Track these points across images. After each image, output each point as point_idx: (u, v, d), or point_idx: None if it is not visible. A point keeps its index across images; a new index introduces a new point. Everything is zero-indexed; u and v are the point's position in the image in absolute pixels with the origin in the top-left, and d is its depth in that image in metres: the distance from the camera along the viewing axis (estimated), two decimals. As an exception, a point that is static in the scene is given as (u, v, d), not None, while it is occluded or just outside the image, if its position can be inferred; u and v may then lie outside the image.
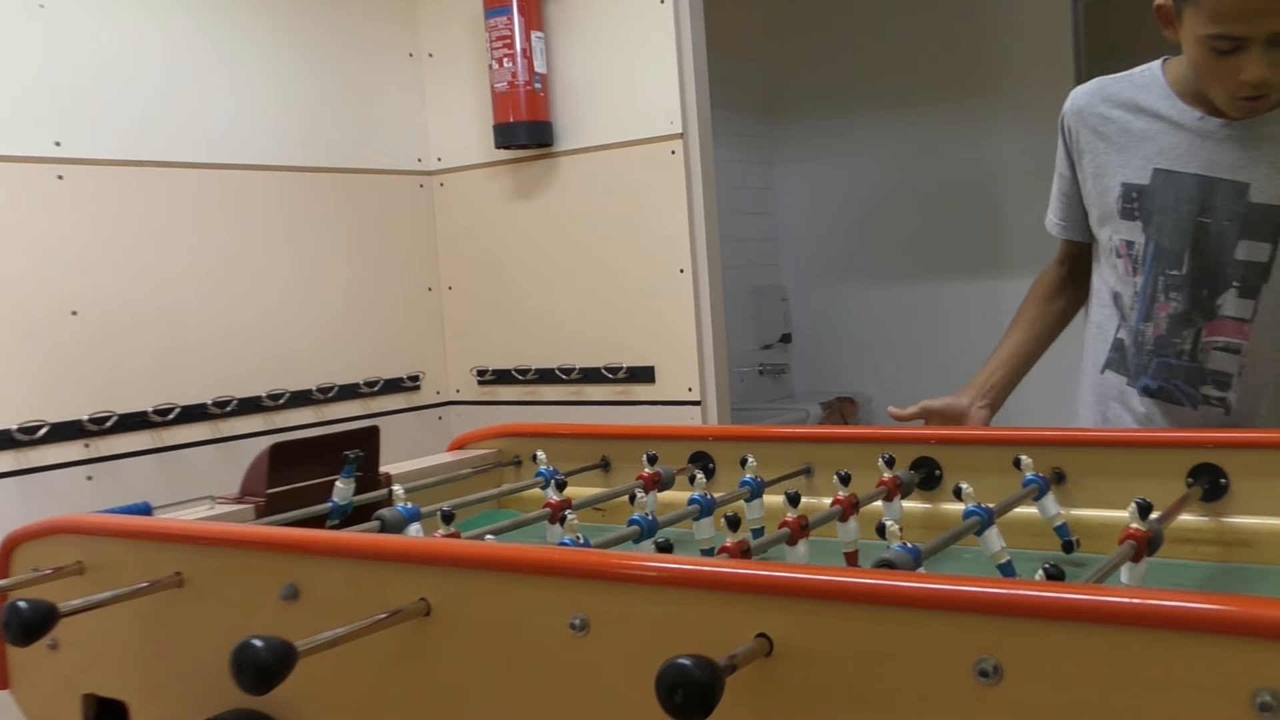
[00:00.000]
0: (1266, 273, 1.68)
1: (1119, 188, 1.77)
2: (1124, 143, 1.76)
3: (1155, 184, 1.73)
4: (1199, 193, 1.70)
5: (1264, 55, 1.54)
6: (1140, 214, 1.75)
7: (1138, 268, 1.78)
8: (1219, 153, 1.68)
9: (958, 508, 1.39)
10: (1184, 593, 0.90)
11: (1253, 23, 1.52)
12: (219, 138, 2.93)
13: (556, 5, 3.20)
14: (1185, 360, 1.77)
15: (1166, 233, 1.73)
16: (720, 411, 3.10)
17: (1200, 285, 1.73)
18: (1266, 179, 1.65)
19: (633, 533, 1.40)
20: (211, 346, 2.91)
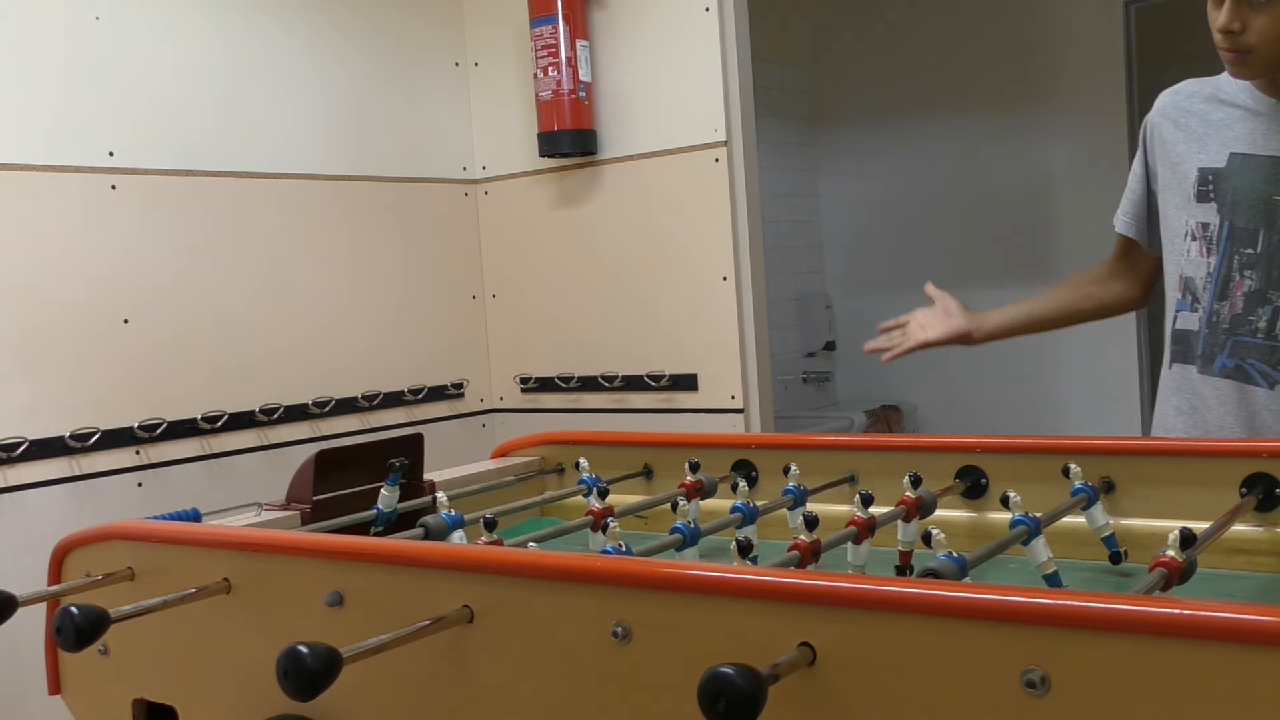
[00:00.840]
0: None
1: (1195, 173, 1.82)
2: (1202, 131, 1.83)
3: (1231, 167, 1.79)
4: (1274, 172, 1.75)
5: (1233, 5, 1.65)
6: (1215, 196, 1.80)
7: (1212, 248, 1.81)
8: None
9: (1004, 516, 1.38)
10: (1236, 604, 0.89)
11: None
12: (267, 148, 2.97)
13: (602, 14, 3.21)
14: (1261, 339, 1.78)
15: (1241, 213, 1.78)
16: (763, 419, 3.09)
17: (1276, 263, 1.75)
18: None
19: (675, 540, 1.40)
20: (259, 354, 2.94)
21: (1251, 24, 1.66)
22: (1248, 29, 1.66)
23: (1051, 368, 4.50)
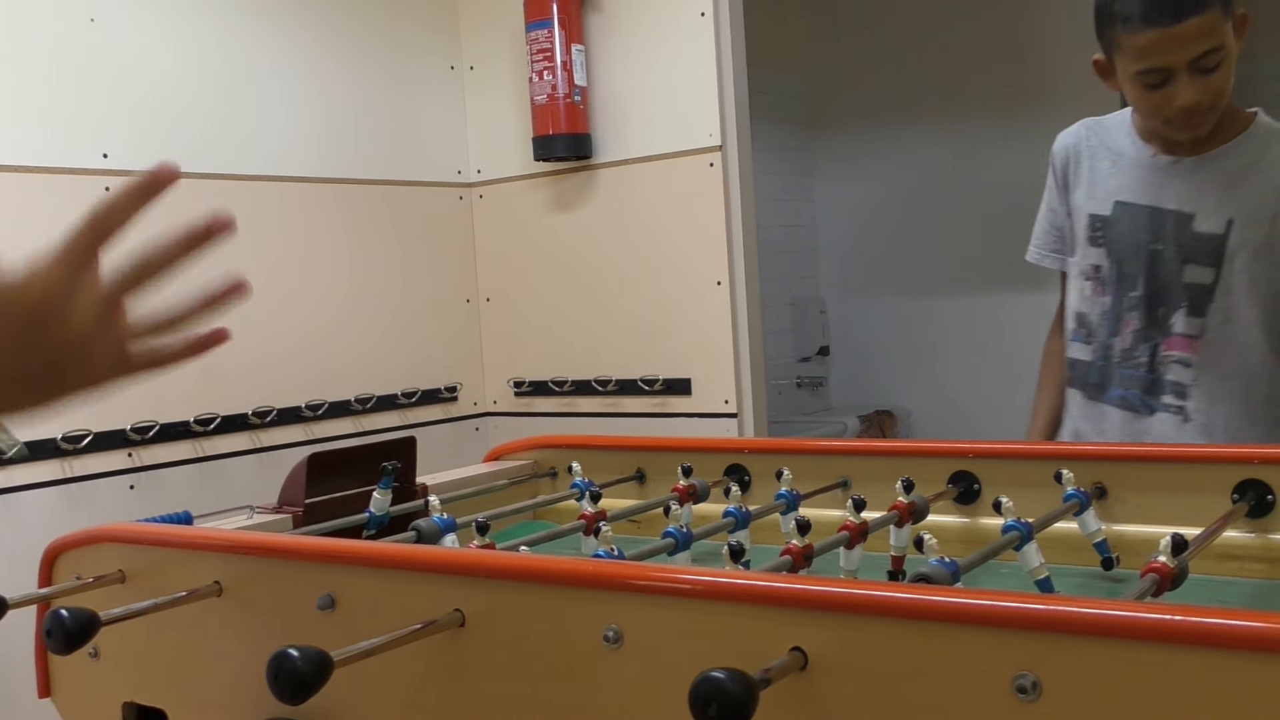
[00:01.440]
0: (1211, 294, 1.83)
1: (1087, 218, 1.94)
2: (1092, 179, 1.94)
3: (1115, 214, 1.90)
4: (1150, 222, 1.86)
5: (1189, 81, 1.69)
6: (1104, 241, 1.92)
7: (1105, 289, 1.94)
8: (1168, 187, 1.84)
9: (997, 522, 1.38)
10: (1227, 610, 0.89)
11: (1170, 54, 1.67)
12: (263, 150, 2.97)
13: (597, 18, 3.21)
14: (1144, 372, 1.91)
15: (1126, 258, 1.90)
16: (757, 424, 3.09)
17: (1155, 305, 1.88)
18: (1209, 210, 1.81)
19: (667, 545, 1.40)
20: (252, 357, 2.93)
21: (1210, 88, 1.71)
22: (1208, 95, 1.71)
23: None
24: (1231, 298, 1.82)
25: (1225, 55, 1.69)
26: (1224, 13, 1.67)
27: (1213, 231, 1.80)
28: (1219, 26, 1.66)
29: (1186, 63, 1.67)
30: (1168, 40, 1.66)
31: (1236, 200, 1.80)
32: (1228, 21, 1.69)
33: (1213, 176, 1.81)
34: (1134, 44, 1.69)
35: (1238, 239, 1.79)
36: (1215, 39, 1.67)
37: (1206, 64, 1.68)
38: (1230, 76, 1.72)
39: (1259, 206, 1.79)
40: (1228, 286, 1.81)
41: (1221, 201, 1.80)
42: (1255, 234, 1.79)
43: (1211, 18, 1.65)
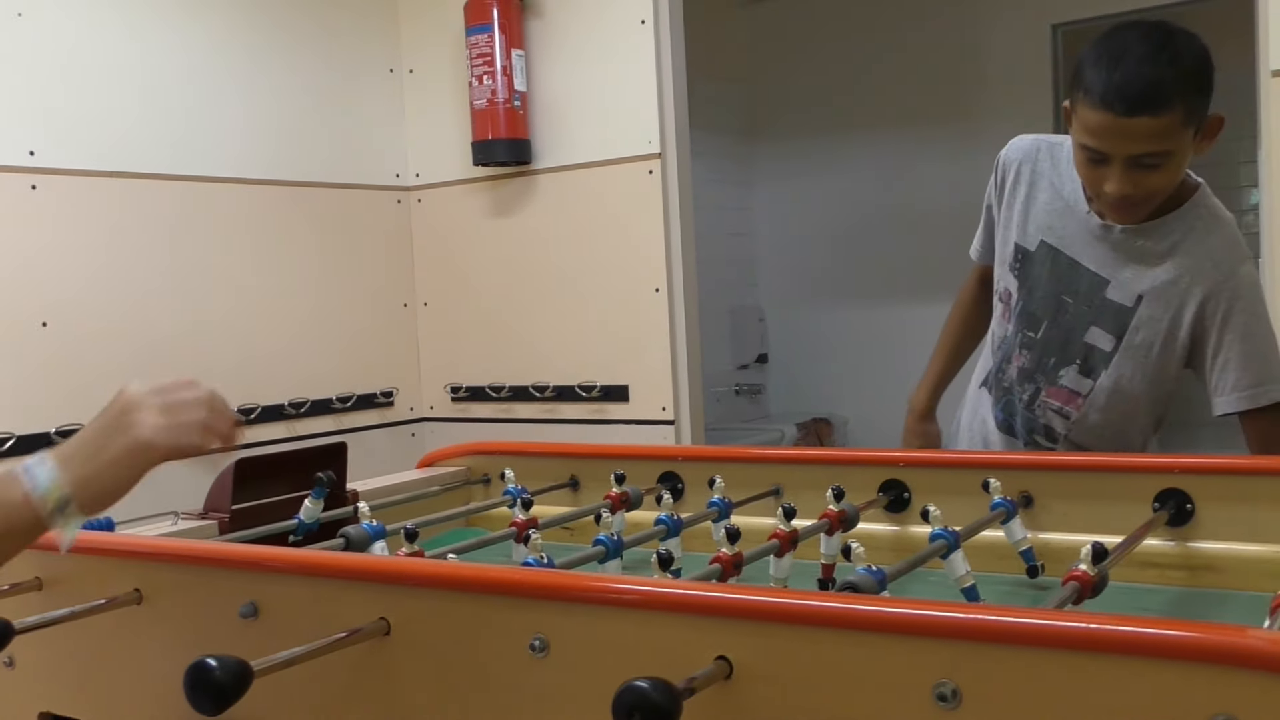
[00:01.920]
0: (1108, 360, 1.82)
1: (1013, 245, 1.90)
2: (1028, 207, 1.88)
3: (1038, 254, 1.87)
4: (1068, 273, 1.83)
5: (1124, 173, 1.64)
6: (1019, 274, 1.90)
7: (1009, 317, 1.94)
8: (1095, 247, 1.80)
9: (925, 530, 1.39)
10: (1143, 618, 0.90)
11: (1113, 142, 1.62)
12: (194, 150, 2.92)
13: (538, 23, 3.21)
14: (1023, 408, 1.93)
15: (1035, 299, 1.88)
16: (694, 431, 3.09)
17: (1049, 353, 1.88)
18: (1126, 282, 1.78)
19: (598, 553, 1.40)
20: (183, 360, 2.88)
21: (1145, 184, 1.66)
22: (1140, 190, 1.67)
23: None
24: (1125, 370, 1.80)
25: (1170, 159, 1.64)
26: (1184, 120, 1.60)
27: (1121, 303, 1.78)
28: (1172, 132, 1.60)
29: (1125, 156, 1.63)
30: (1114, 128, 1.60)
31: (1149, 280, 1.76)
32: (1188, 128, 1.62)
33: (1134, 251, 1.77)
34: (1085, 117, 1.64)
35: (1143, 316, 1.77)
36: (1163, 144, 1.61)
37: (1146, 162, 1.63)
38: (1173, 177, 1.68)
39: (1168, 292, 1.76)
40: (1125, 359, 1.80)
41: (1136, 277, 1.77)
42: (1160, 316, 1.77)
43: (1165, 122, 1.59)
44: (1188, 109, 1.60)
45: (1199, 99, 1.62)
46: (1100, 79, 1.60)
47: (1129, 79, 1.58)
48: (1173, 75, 1.58)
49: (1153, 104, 1.58)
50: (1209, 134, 1.67)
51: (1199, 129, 1.64)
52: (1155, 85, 1.58)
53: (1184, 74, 1.60)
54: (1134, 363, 1.80)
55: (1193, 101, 1.61)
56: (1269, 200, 2.45)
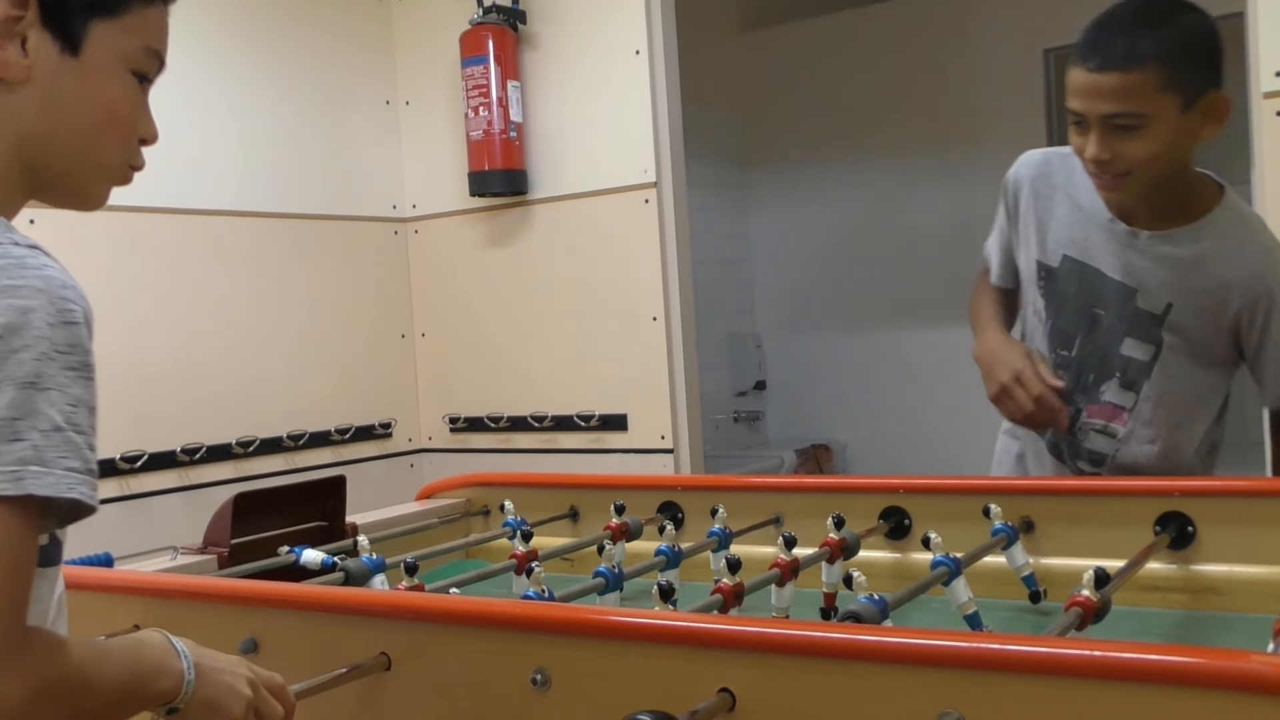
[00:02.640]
0: (1148, 370, 1.76)
1: (1035, 264, 1.85)
2: (1046, 222, 1.83)
3: (1063, 269, 1.81)
4: (1096, 285, 1.77)
5: (1100, 136, 1.60)
6: (1046, 293, 1.84)
7: (1047, 335, 1.85)
8: (1121, 255, 1.74)
9: (926, 557, 1.38)
10: (1146, 644, 0.90)
11: (1086, 101, 1.60)
12: (192, 183, 2.93)
13: (533, 55, 3.22)
14: (1064, 436, 1.83)
15: (1065, 315, 1.82)
16: (693, 459, 3.09)
17: (1087, 370, 1.81)
18: (1154, 289, 1.73)
19: (598, 585, 1.39)
20: (181, 392, 2.88)
21: (1122, 151, 1.61)
22: (1118, 157, 1.61)
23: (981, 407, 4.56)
24: (1167, 380, 1.75)
25: (1147, 124, 1.57)
26: (1162, 82, 1.55)
27: (1152, 310, 1.73)
28: (1145, 92, 1.56)
29: (1098, 116, 1.59)
30: (1086, 85, 1.59)
31: (1178, 290, 1.71)
32: (1169, 93, 1.56)
33: (1160, 258, 1.71)
34: (1068, 78, 1.62)
35: (1174, 324, 1.72)
36: (1133, 103, 1.56)
37: (1119, 123, 1.58)
38: (1154, 148, 1.59)
39: (1200, 301, 1.71)
40: (1165, 367, 1.74)
41: (1163, 285, 1.71)
42: (1193, 325, 1.72)
43: (1137, 79, 1.55)
44: (1167, 73, 1.55)
45: (1185, 67, 1.57)
46: (1084, 37, 1.61)
47: (1105, 36, 1.58)
48: (1152, 36, 1.56)
49: (1123, 60, 1.55)
50: (1210, 114, 1.61)
51: (1191, 103, 1.58)
52: (1129, 43, 1.56)
53: (1166, 37, 1.56)
54: (1174, 371, 1.74)
55: (1175, 67, 1.56)
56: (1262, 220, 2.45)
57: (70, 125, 0.96)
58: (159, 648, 0.97)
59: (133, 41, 0.97)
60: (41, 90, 0.93)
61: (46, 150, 0.96)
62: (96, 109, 0.97)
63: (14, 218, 0.96)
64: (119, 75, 0.98)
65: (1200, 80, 1.59)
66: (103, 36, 0.95)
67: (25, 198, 0.98)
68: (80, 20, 0.94)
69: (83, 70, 0.95)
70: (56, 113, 0.94)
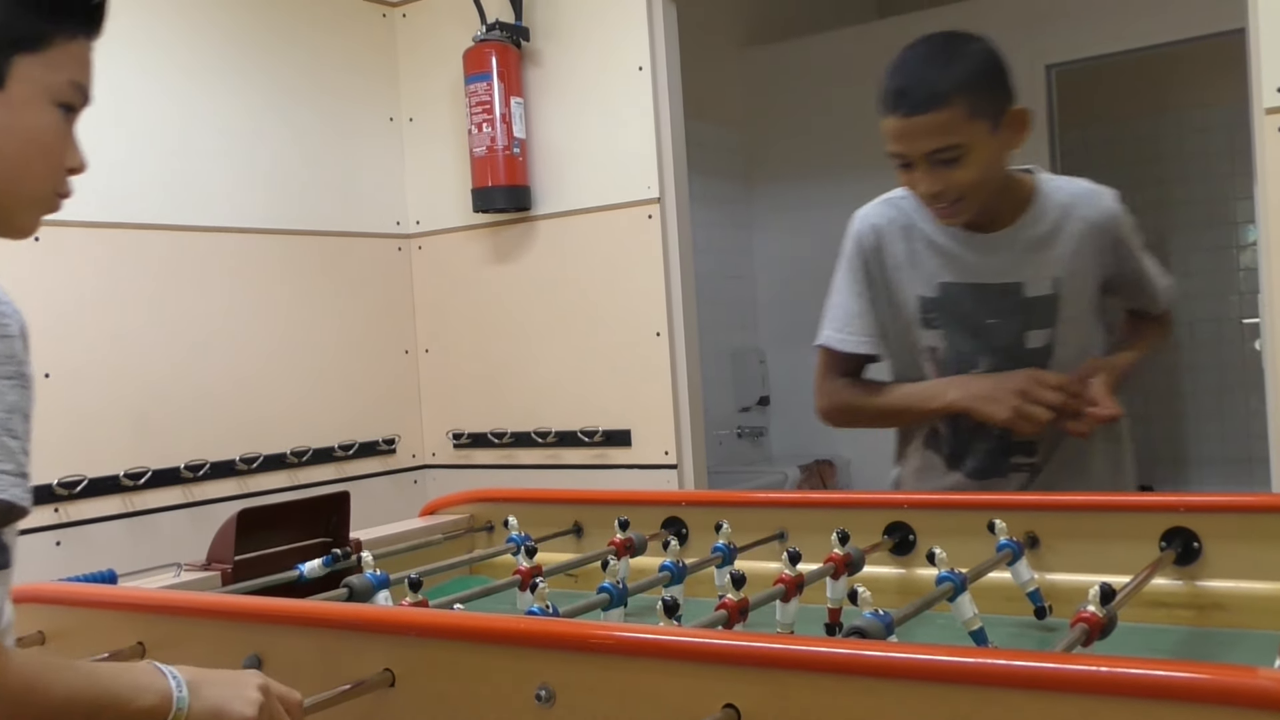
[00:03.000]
0: (1051, 351, 1.86)
1: (916, 300, 1.91)
2: (909, 262, 1.91)
3: (945, 295, 1.88)
4: (979, 296, 1.86)
5: (928, 172, 1.73)
6: (938, 323, 1.90)
7: (944, 370, 1.90)
8: (987, 263, 1.85)
9: (931, 573, 1.38)
10: (1154, 660, 0.90)
11: (906, 144, 1.73)
12: (198, 201, 2.94)
13: (536, 71, 3.23)
14: (993, 441, 1.89)
15: (962, 337, 1.89)
16: (697, 475, 3.09)
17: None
18: (1034, 276, 1.84)
19: (601, 600, 1.39)
20: (185, 409, 2.88)
21: (951, 180, 1.73)
22: (949, 186, 1.73)
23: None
24: (1068, 351, 1.86)
25: (967, 152, 1.70)
26: (969, 112, 1.68)
27: (1043, 294, 1.84)
28: (958, 126, 1.68)
29: (922, 155, 1.72)
30: (903, 130, 1.72)
31: (1055, 263, 1.83)
32: (977, 120, 1.69)
33: (1023, 246, 1.84)
34: (883, 126, 1.76)
35: (1065, 292, 1.84)
36: (952, 137, 1.69)
37: (943, 157, 1.71)
38: (979, 171, 1.72)
39: (1074, 262, 1.84)
40: (1064, 340, 1.85)
41: (1041, 266, 1.84)
42: (1078, 284, 1.86)
43: (948, 116, 1.68)
44: (971, 103, 1.69)
45: (984, 93, 1.71)
46: (887, 88, 1.73)
47: (908, 82, 1.71)
48: (948, 74, 1.69)
49: (930, 102, 1.68)
50: (1014, 126, 1.75)
51: (997, 122, 1.73)
52: (931, 85, 1.68)
53: (961, 71, 1.70)
54: (1072, 337, 1.86)
55: (976, 96, 1.70)
56: (1266, 235, 2.46)
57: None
58: (141, 670, 0.99)
59: (57, 75, 1.02)
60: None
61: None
62: (23, 140, 1.02)
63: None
64: (44, 108, 1.02)
65: (999, 100, 1.74)
66: (27, 71, 0.99)
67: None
68: (4, 56, 0.98)
69: (8, 103, 0.99)
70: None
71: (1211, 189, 5.33)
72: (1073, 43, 4.36)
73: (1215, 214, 5.33)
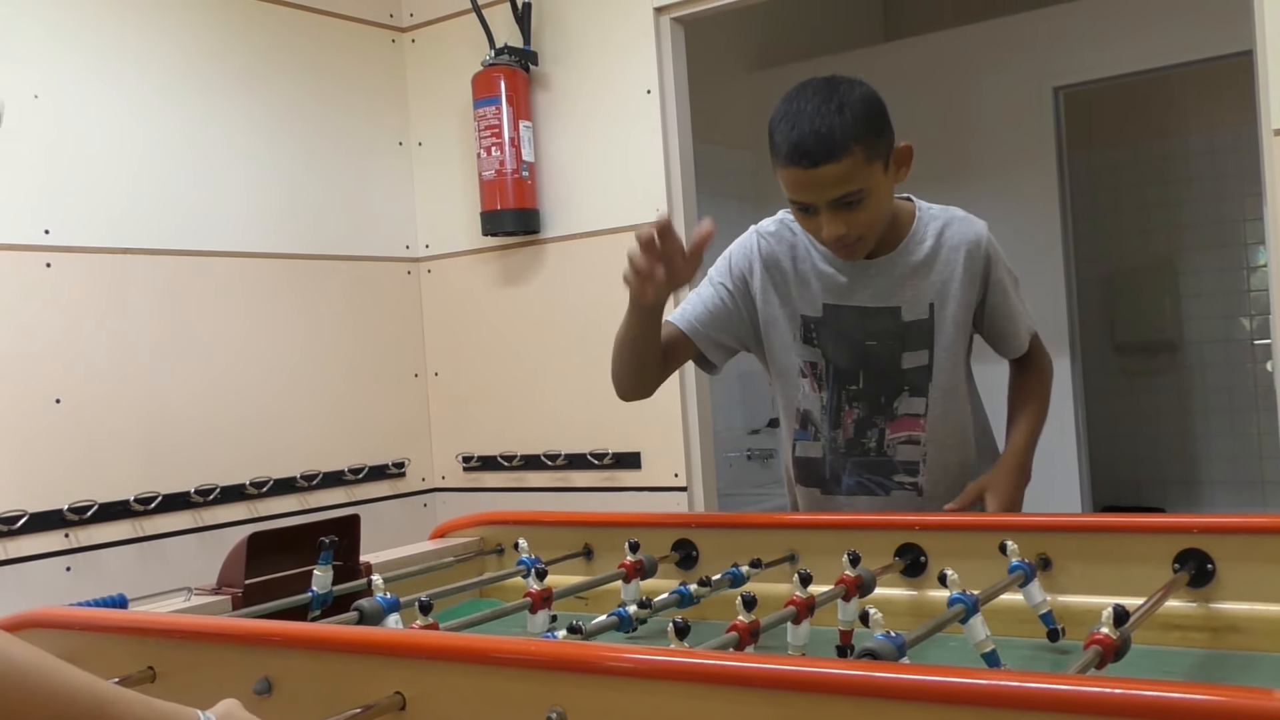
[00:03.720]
0: (929, 372, 1.94)
1: (799, 318, 1.99)
2: (795, 281, 1.99)
3: (827, 315, 1.97)
4: (861, 321, 1.95)
5: (832, 216, 1.79)
6: (819, 341, 1.98)
7: (822, 385, 2.00)
8: (870, 286, 1.93)
9: (943, 594, 1.37)
10: (1170, 683, 0.89)
11: (810, 193, 1.79)
12: (207, 226, 2.95)
13: (545, 95, 3.25)
14: (874, 456, 1.99)
15: (842, 355, 1.97)
16: (707, 497, 3.08)
17: (878, 394, 1.97)
18: (912, 301, 1.92)
19: (612, 623, 1.38)
20: (195, 434, 2.89)
21: (853, 222, 1.80)
22: (851, 228, 1.80)
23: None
24: (944, 374, 1.94)
25: (868, 195, 1.78)
26: (866, 157, 1.75)
27: (920, 318, 1.92)
28: (857, 171, 1.75)
29: (826, 202, 1.78)
30: (806, 181, 1.77)
31: (930, 290, 1.92)
32: (874, 163, 1.77)
33: (903, 271, 1.92)
34: (782, 176, 1.81)
35: (941, 317, 1.92)
36: (853, 183, 1.75)
37: (846, 202, 1.77)
38: (879, 210, 1.82)
39: (949, 287, 1.92)
40: (941, 364, 1.93)
41: (918, 291, 1.92)
42: (953, 310, 1.92)
43: (847, 165, 1.74)
44: (866, 148, 1.75)
45: (875, 137, 1.77)
46: (784, 140, 1.78)
47: (805, 135, 1.75)
48: (842, 122, 1.74)
49: (830, 152, 1.73)
50: (900, 162, 1.84)
51: (887, 162, 1.81)
52: (828, 136, 1.73)
53: (854, 119, 1.75)
54: (948, 364, 1.94)
55: (869, 140, 1.76)
56: (1276, 257, 2.46)
57: None
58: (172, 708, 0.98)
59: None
60: None
61: None
62: None
63: None
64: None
65: (887, 141, 1.81)
66: None
67: None
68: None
69: None
70: None
71: (1220, 211, 5.33)
72: (1080, 65, 4.37)
73: (1225, 236, 5.33)
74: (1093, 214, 5.38)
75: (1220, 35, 3.91)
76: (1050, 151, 4.47)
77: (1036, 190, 4.45)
